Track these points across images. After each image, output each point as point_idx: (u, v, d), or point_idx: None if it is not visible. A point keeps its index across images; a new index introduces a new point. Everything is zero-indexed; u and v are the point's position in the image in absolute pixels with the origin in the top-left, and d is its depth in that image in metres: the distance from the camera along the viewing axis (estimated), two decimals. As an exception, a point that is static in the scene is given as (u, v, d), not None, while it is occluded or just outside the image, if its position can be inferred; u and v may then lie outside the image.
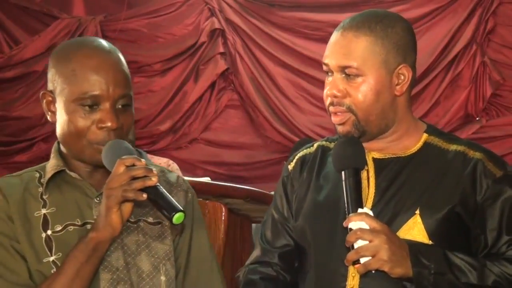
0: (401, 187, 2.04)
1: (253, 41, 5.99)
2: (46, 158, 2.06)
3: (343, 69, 2.03)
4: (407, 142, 2.10)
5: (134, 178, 1.82)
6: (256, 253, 2.22)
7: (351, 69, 2.02)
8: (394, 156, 2.08)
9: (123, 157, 1.86)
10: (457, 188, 2.01)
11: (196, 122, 6.06)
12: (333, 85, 2.05)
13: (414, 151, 2.08)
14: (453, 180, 2.03)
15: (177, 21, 6.12)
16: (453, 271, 1.94)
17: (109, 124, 1.91)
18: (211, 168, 5.94)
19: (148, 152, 5.61)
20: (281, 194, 2.21)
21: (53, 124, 1.99)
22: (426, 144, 2.09)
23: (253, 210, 3.07)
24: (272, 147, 5.96)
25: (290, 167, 2.22)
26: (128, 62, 2.02)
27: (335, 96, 2.04)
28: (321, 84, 2.13)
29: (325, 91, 2.09)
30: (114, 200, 1.82)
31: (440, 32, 5.72)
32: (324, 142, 2.22)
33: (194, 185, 2.96)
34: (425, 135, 2.11)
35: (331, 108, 2.06)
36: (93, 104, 1.92)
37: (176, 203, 1.83)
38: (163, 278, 1.95)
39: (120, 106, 1.95)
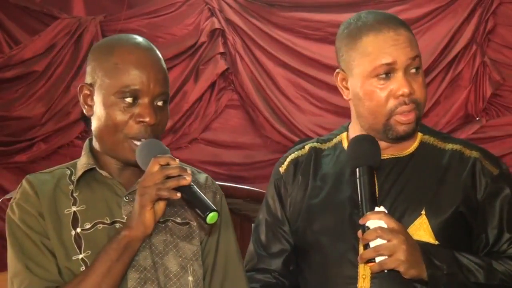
0: (404, 187, 2.04)
1: (253, 41, 5.99)
2: (46, 158, 2.06)
3: (412, 61, 2.01)
4: (404, 142, 2.10)
5: (169, 177, 1.83)
6: (251, 259, 2.20)
7: (418, 59, 2.05)
8: (393, 156, 2.09)
9: (158, 156, 1.87)
10: (459, 187, 2.02)
11: (196, 122, 6.06)
12: (404, 83, 2.02)
13: (411, 151, 2.09)
14: (454, 179, 2.04)
15: (177, 21, 6.12)
16: (463, 272, 1.95)
17: (147, 119, 1.93)
18: (211, 168, 5.93)
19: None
20: (273, 197, 2.19)
21: (55, 123, 2.00)
22: (422, 143, 2.10)
23: (253, 210, 3.08)
24: (272, 147, 5.96)
25: (282, 169, 2.20)
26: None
27: (409, 95, 2.03)
28: (321, 84, 2.13)
29: (382, 94, 2.03)
30: (148, 198, 1.83)
31: (440, 32, 5.72)
32: (315, 144, 2.20)
33: (194, 185, 2.97)
34: (420, 135, 2.12)
35: (403, 108, 2.03)
36: (133, 98, 1.93)
37: (210, 203, 1.84)
38: (190, 278, 1.96)
39: (158, 103, 1.96)
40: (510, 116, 5.64)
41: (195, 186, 1.86)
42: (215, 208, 1.83)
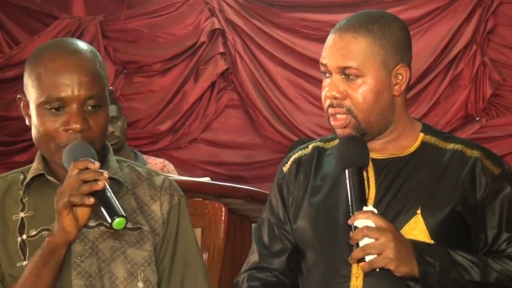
0: (401, 187, 2.04)
1: (253, 41, 5.99)
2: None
3: (342, 70, 2.02)
4: (405, 142, 2.10)
5: (86, 182, 1.80)
6: (253, 258, 2.20)
7: (351, 69, 2.01)
8: (392, 156, 2.08)
9: (78, 160, 1.84)
10: (457, 187, 2.02)
11: (196, 122, 6.06)
12: (332, 87, 2.04)
13: (412, 151, 2.09)
14: (453, 179, 2.03)
15: (177, 21, 6.12)
16: (457, 269, 1.95)
17: (73, 126, 1.90)
18: (211, 168, 5.93)
19: (148, 152, 5.61)
20: (276, 197, 2.20)
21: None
22: (423, 143, 2.10)
23: (253, 210, 3.07)
24: (272, 147, 5.96)
25: (285, 169, 2.20)
26: (128, 62, 2.02)
27: (335, 98, 2.03)
28: (321, 84, 2.12)
29: (323, 92, 2.07)
30: (61, 205, 1.81)
31: (440, 32, 5.71)
32: (319, 143, 2.21)
33: (194, 185, 2.97)
34: (421, 135, 2.11)
35: (331, 110, 2.05)
36: (60, 106, 1.91)
37: (120, 208, 1.80)
38: (140, 284, 1.94)
39: (89, 108, 1.93)
40: (510, 116, 5.63)
41: (110, 191, 1.82)
42: (123, 214, 1.79)
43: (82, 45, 1.99)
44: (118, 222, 1.79)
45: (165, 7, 6.14)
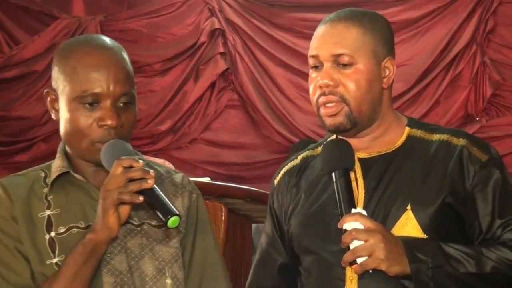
0: (389, 184, 2.03)
1: (253, 41, 5.99)
2: (46, 158, 2.05)
3: (335, 57, 2.02)
4: (391, 137, 2.09)
5: (132, 180, 1.80)
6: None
7: (344, 56, 2.01)
8: (379, 154, 2.08)
9: (122, 158, 1.84)
10: (445, 177, 2.01)
11: (196, 122, 6.06)
12: (324, 75, 2.03)
13: (398, 146, 2.08)
14: (441, 170, 2.02)
15: (177, 21, 6.12)
16: (450, 263, 1.94)
17: (109, 122, 1.89)
18: (211, 168, 5.94)
19: (148, 152, 5.61)
20: (268, 217, 2.23)
21: (55, 123, 1.99)
22: (409, 137, 2.09)
23: (253, 210, 3.07)
24: (272, 147, 5.96)
25: (276, 181, 2.22)
26: (128, 62, 2.01)
27: (327, 86, 2.02)
28: (321, 84, 2.11)
29: (312, 84, 2.06)
30: (110, 202, 1.81)
31: (440, 32, 5.72)
32: (307, 152, 2.21)
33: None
34: (407, 129, 2.10)
35: (322, 99, 2.03)
36: (94, 102, 1.90)
37: (172, 206, 1.81)
38: (168, 281, 1.93)
39: (121, 104, 1.93)
40: (510, 116, 5.64)
41: (158, 189, 1.82)
42: (177, 212, 1.79)
43: (112, 41, 2.00)
44: (173, 221, 1.78)
45: (165, 7, 6.14)
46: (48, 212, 1.94)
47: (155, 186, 1.82)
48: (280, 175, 2.21)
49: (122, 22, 6.09)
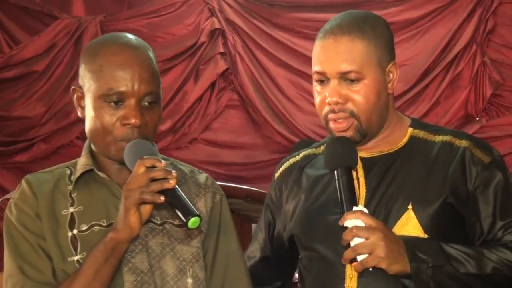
0: (391, 184, 2.03)
1: (253, 41, 5.99)
2: (46, 158, 2.05)
3: (343, 75, 2.01)
4: (393, 138, 2.10)
5: (154, 180, 1.81)
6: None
7: (352, 73, 2.00)
8: (381, 153, 2.08)
9: (144, 157, 1.85)
10: (447, 178, 2.01)
11: (196, 122, 6.06)
12: (333, 92, 2.01)
13: (400, 146, 2.08)
14: (442, 171, 2.03)
15: (177, 21, 6.12)
16: (451, 263, 1.94)
17: (133, 121, 1.91)
18: (211, 168, 5.93)
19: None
20: (264, 210, 2.23)
21: (55, 123, 1.99)
22: (412, 138, 2.09)
23: (253, 210, 3.08)
24: (272, 147, 5.96)
25: (276, 175, 2.22)
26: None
27: (337, 103, 2.01)
28: (321, 84, 2.11)
29: (319, 98, 2.05)
30: (132, 201, 1.82)
31: (440, 32, 5.72)
32: (309, 150, 2.22)
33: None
34: (410, 129, 2.11)
35: (332, 116, 2.03)
36: (119, 100, 1.92)
37: (193, 207, 1.81)
38: (189, 280, 1.94)
39: (146, 104, 1.94)
40: (510, 116, 5.64)
41: (179, 190, 1.83)
42: (197, 213, 1.80)
43: (139, 40, 2.02)
44: (194, 221, 1.79)
45: (165, 7, 6.14)
46: (71, 209, 1.95)
47: (176, 186, 1.82)
48: (281, 169, 2.21)
49: (122, 22, 6.09)
